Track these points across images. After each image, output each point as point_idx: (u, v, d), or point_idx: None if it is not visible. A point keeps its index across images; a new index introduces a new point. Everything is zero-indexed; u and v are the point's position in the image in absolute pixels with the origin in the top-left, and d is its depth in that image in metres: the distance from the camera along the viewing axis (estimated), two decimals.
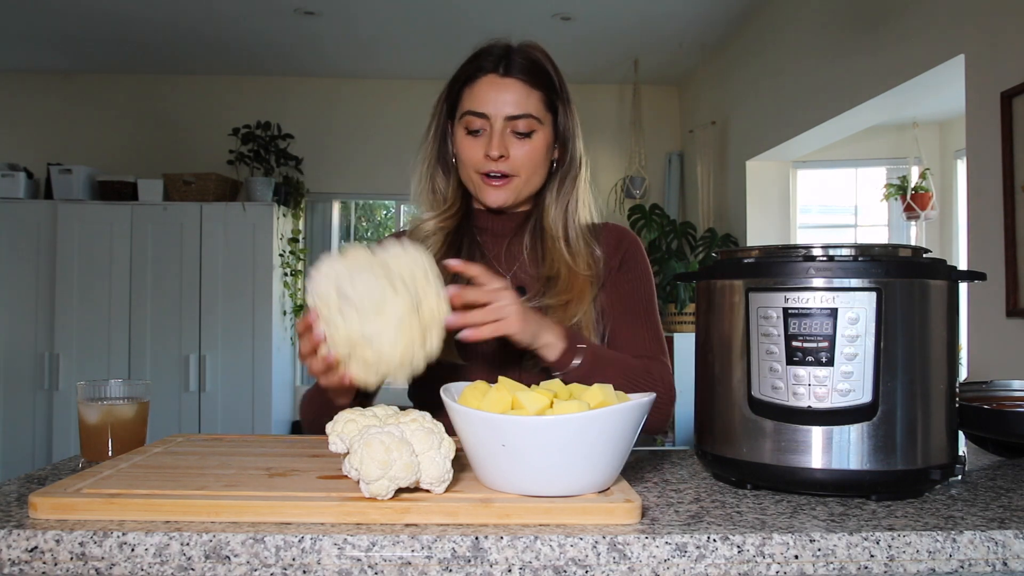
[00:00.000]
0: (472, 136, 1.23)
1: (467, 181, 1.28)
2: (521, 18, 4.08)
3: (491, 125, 1.22)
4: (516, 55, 1.24)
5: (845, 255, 0.83)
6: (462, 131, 1.25)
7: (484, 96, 1.22)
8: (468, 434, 0.79)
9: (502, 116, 1.21)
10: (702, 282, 0.95)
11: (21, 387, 4.47)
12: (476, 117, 1.22)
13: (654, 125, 5.09)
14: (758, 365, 0.85)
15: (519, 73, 1.23)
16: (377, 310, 0.87)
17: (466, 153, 1.24)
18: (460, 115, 1.24)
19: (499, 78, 1.23)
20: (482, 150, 1.22)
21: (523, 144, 1.23)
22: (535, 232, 1.29)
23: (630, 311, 1.27)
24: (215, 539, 0.67)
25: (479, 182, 1.24)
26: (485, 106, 1.22)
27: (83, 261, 4.44)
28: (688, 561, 0.68)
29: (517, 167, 1.23)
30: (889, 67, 2.95)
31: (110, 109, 5.06)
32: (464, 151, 1.24)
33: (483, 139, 1.22)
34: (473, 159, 1.23)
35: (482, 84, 1.23)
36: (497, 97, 1.22)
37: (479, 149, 1.22)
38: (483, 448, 0.77)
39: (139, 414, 1.04)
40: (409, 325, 0.88)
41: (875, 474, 0.82)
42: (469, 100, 1.24)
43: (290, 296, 4.78)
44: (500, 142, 1.21)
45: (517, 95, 1.22)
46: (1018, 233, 2.31)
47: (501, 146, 1.21)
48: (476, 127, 1.23)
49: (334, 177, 5.10)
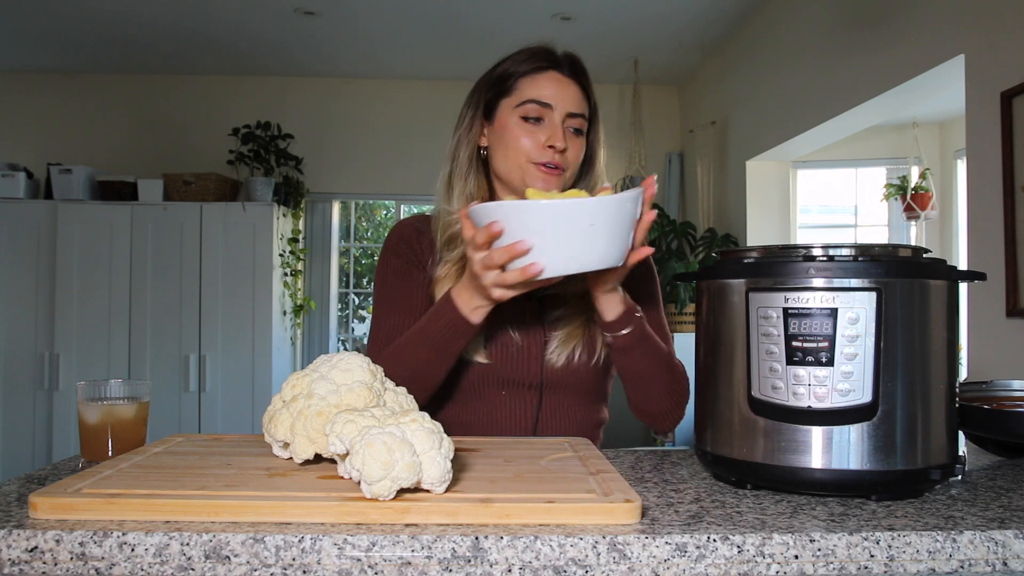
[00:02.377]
0: (529, 124, 1.24)
1: (512, 169, 1.26)
2: (521, 18, 4.08)
3: (551, 117, 1.24)
4: (573, 61, 1.28)
5: (845, 255, 0.83)
6: (516, 119, 1.24)
7: (549, 88, 1.24)
8: (553, 223, 0.90)
9: (564, 111, 1.24)
10: (702, 282, 0.95)
11: (21, 387, 4.47)
12: (540, 106, 1.23)
13: (654, 125, 5.09)
14: (758, 365, 0.85)
15: (580, 77, 1.28)
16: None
17: (522, 140, 1.24)
18: (519, 103, 1.24)
19: (563, 76, 1.26)
20: (541, 139, 1.23)
21: (576, 141, 1.26)
22: None
23: (644, 306, 1.29)
24: (215, 539, 0.67)
25: (531, 171, 1.24)
26: (550, 97, 1.24)
27: (83, 261, 4.44)
28: (688, 561, 0.68)
29: (569, 162, 1.26)
30: (889, 67, 2.95)
31: (110, 109, 5.06)
32: (519, 138, 1.24)
33: (543, 129, 1.24)
34: (529, 147, 1.23)
35: (547, 78, 1.25)
36: (562, 92, 1.25)
37: (538, 137, 1.23)
38: (566, 234, 0.90)
39: (139, 414, 1.04)
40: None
41: (875, 474, 0.82)
42: (531, 89, 1.24)
43: (290, 296, 4.78)
44: (562, 134, 1.23)
45: (577, 95, 1.26)
46: (1018, 233, 2.31)
47: (564, 138, 1.23)
48: (536, 115, 1.23)
49: (334, 177, 5.11)
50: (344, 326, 5.55)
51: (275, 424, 0.88)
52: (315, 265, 5.15)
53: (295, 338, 4.94)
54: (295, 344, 4.95)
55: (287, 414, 0.88)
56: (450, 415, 1.27)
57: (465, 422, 1.26)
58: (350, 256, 5.63)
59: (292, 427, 0.87)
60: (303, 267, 4.99)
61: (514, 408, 1.26)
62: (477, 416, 1.26)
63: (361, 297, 6.12)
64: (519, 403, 1.26)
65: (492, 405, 1.25)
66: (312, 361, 0.94)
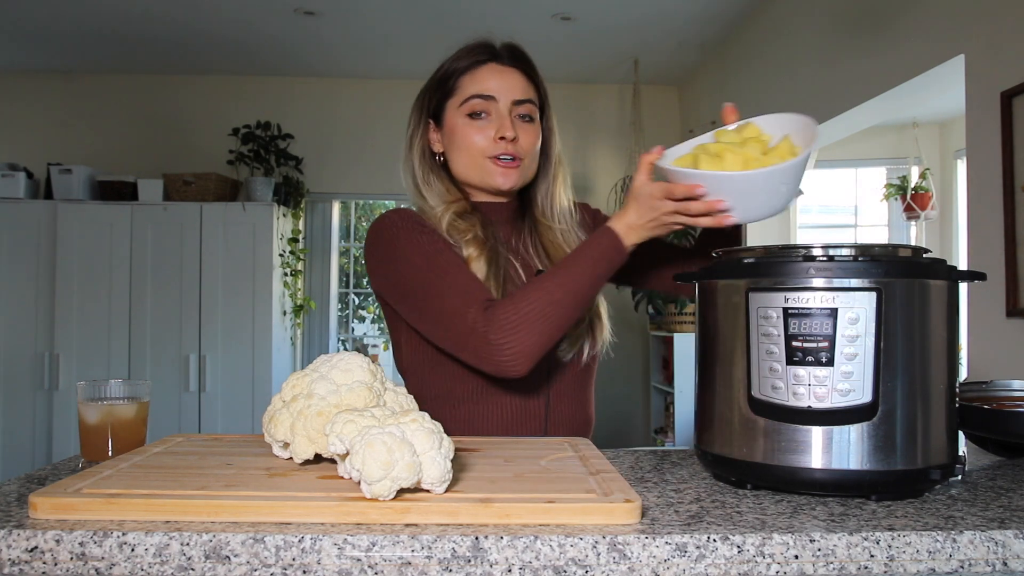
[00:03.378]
0: (476, 120, 1.23)
1: (469, 169, 1.26)
2: (521, 18, 4.08)
3: (497, 109, 1.23)
4: (512, 49, 1.28)
5: (845, 255, 0.83)
6: (462, 118, 1.24)
7: (490, 80, 1.24)
8: (751, 189, 0.96)
9: (509, 100, 1.24)
10: (702, 282, 0.95)
11: (21, 387, 4.47)
12: (483, 99, 1.23)
13: (654, 125, 5.09)
14: (758, 365, 0.86)
15: (519, 63, 1.27)
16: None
17: (472, 138, 1.23)
18: (462, 101, 1.24)
19: (502, 66, 1.26)
20: (490, 133, 1.23)
21: (527, 128, 1.25)
22: (529, 223, 1.33)
23: None
24: (215, 539, 0.67)
25: (488, 167, 1.24)
26: (492, 89, 1.23)
27: (83, 261, 4.44)
28: (688, 561, 0.68)
29: (523, 150, 1.25)
30: (889, 67, 2.95)
31: (110, 109, 5.06)
32: (469, 136, 1.24)
33: (490, 122, 1.23)
34: (481, 143, 1.23)
35: (486, 70, 1.25)
36: (504, 82, 1.24)
37: (487, 132, 1.23)
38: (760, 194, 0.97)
39: (139, 414, 1.04)
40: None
41: (875, 474, 0.82)
42: (472, 85, 1.24)
43: (290, 296, 4.78)
44: (511, 124, 1.23)
45: (520, 82, 1.26)
46: (1018, 233, 2.31)
47: (513, 128, 1.23)
48: (481, 110, 1.23)
49: (334, 177, 5.10)
50: (344, 326, 5.55)
51: (275, 424, 0.88)
52: (315, 265, 5.15)
53: (295, 338, 4.94)
54: (295, 344, 4.95)
55: (287, 414, 0.88)
56: (462, 415, 1.25)
57: (477, 423, 1.24)
58: (350, 256, 5.63)
59: (292, 427, 0.87)
60: (303, 267, 4.99)
61: (526, 408, 1.25)
62: (489, 417, 1.25)
63: (361, 297, 6.12)
64: (529, 403, 1.26)
65: (502, 406, 1.25)
66: (312, 361, 0.94)
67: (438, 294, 1.12)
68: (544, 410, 1.27)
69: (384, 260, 1.20)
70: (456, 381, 1.22)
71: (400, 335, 1.28)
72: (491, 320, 1.06)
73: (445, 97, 1.27)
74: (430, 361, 1.24)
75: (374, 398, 0.89)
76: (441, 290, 1.12)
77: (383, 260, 1.20)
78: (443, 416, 1.22)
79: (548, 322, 1.06)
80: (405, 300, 1.18)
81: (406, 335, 1.27)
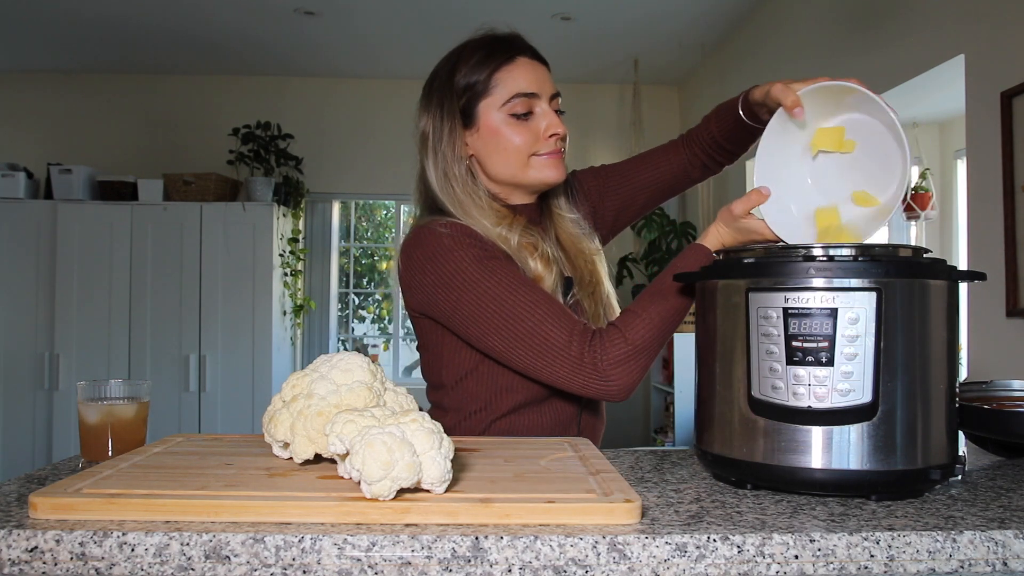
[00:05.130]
0: (521, 120, 1.19)
1: (514, 170, 1.21)
2: (521, 18, 4.08)
3: (541, 105, 1.21)
4: (525, 40, 1.26)
5: (845, 255, 0.83)
6: (504, 117, 1.19)
7: (528, 76, 1.20)
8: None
9: (549, 94, 1.22)
10: (702, 282, 0.95)
11: (21, 387, 4.47)
12: (527, 98, 1.19)
13: (654, 125, 5.09)
14: (758, 365, 0.85)
15: (541, 57, 1.25)
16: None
17: (518, 138, 1.19)
18: (504, 101, 1.19)
19: (532, 60, 1.22)
20: (539, 130, 1.20)
21: (563, 122, 1.24)
22: (546, 218, 1.32)
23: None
24: (215, 539, 0.67)
25: (535, 163, 1.21)
26: (533, 86, 1.20)
27: (83, 261, 4.44)
28: (688, 561, 0.68)
29: (565, 144, 1.25)
30: (889, 67, 2.95)
31: (110, 109, 5.06)
32: (514, 137, 1.19)
33: (535, 120, 1.20)
34: (527, 142, 1.20)
35: (520, 67, 1.20)
36: (538, 76, 1.21)
37: (532, 130, 1.20)
38: None
39: (139, 414, 1.04)
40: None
41: (875, 474, 0.82)
42: (511, 83, 1.19)
43: (290, 296, 4.78)
44: (558, 119, 1.22)
45: (548, 74, 1.24)
46: (1018, 233, 2.31)
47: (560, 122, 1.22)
48: (527, 109, 1.19)
49: (334, 177, 5.11)
50: (344, 326, 5.55)
51: (275, 424, 0.88)
52: (315, 265, 5.15)
53: (295, 338, 4.94)
54: (295, 344, 4.95)
55: (287, 414, 0.88)
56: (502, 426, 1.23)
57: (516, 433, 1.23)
58: (350, 256, 5.62)
59: (292, 427, 0.87)
60: (303, 267, 4.99)
61: (562, 418, 1.26)
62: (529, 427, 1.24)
63: (361, 297, 6.11)
64: (566, 413, 1.26)
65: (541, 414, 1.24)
66: (312, 361, 0.94)
67: (534, 326, 1.09)
68: (577, 419, 1.28)
69: (444, 284, 1.13)
70: (501, 395, 1.21)
71: (443, 350, 1.23)
72: (602, 354, 1.08)
73: (478, 96, 1.20)
74: (475, 376, 1.21)
75: (374, 398, 0.89)
76: (536, 321, 1.09)
77: (441, 284, 1.14)
78: (483, 429, 1.22)
79: (653, 353, 1.10)
80: (477, 326, 1.12)
81: (450, 351, 1.21)
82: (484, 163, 1.23)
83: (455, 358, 1.22)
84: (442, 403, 1.26)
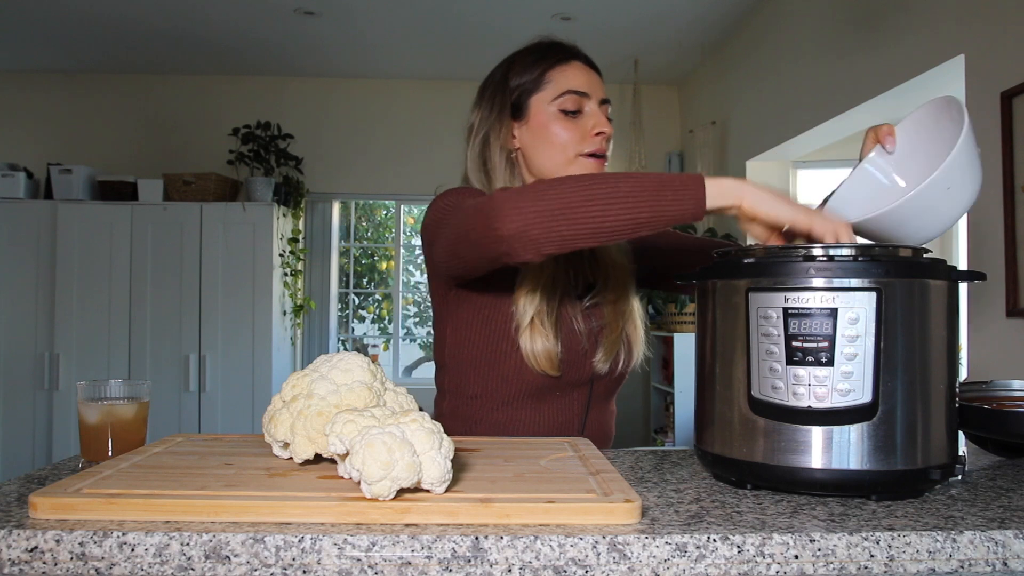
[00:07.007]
0: (570, 117, 1.22)
1: (558, 165, 1.22)
2: (521, 18, 4.08)
3: (591, 105, 1.23)
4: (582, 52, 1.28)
5: (845, 255, 0.83)
6: (554, 112, 1.22)
7: (581, 77, 1.23)
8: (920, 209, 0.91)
9: (599, 97, 1.24)
10: (702, 282, 0.95)
11: (21, 387, 4.47)
12: (578, 96, 1.22)
13: (654, 125, 5.09)
14: (758, 365, 0.85)
15: (595, 66, 1.28)
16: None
17: (566, 134, 1.21)
18: (555, 96, 1.22)
19: (586, 64, 1.26)
20: (586, 128, 1.22)
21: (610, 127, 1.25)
22: None
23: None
24: (215, 539, 0.67)
25: (580, 162, 1.22)
26: (585, 86, 1.22)
27: (83, 261, 4.44)
28: (688, 561, 0.68)
29: (608, 148, 1.25)
30: (889, 67, 2.95)
31: (110, 109, 5.06)
32: (562, 132, 1.21)
33: (584, 118, 1.22)
34: (575, 139, 1.21)
35: (575, 68, 1.24)
36: (591, 80, 1.24)
37: (580, 128, 1.22)
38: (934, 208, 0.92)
39: (139, 414, 1.04)
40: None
41: (875, 474, 0.82)
42: (564, 80, 1.22)
43: (290, 296, 4.78)
44: (605, 120, 1.23)
45: (601, 83, 1.26)
46: (1018, 233, 2.31)
47: (608, 123, 1.23)
48: (577, 107, 1.22)
49: (334, 177, 5.10)
50: (344, 326, 5.55)
51: (275, 424, 0.88)
52: (315, 265, 5.15)
53: (295, 338, 4.94)
54: (295, 344, 4.94)
55: (287, 414, 0.88)
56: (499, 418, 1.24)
57: (514, 428, 1.23)
58: (350, 256, 5.63)
59: (292, 427, 0.87)
60: (303, 267, 4.99)
61: (563, 417, 1.25)
62: (527, 424, 1.24)
63: (361, 297, 6.12)
64: (568, 412, 1.26)
65: (540, 413, 1.24)
66: (312, 361, 0.94)
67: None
68: (582, 420, 1.27)
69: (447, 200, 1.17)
70: (497, 383, 1.21)
71: (446, 327, 1.25)
72: (493, 195, 0.96)
73: (531, 91, 1.23)
74: (473, 360, 1.22)
75: (374, 398, 0.89)
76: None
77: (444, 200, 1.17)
78: (480, 417, 1.22)
79: (559, 209, 0.90)
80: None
81: (452, 328, 1.24)
82: (529, 157, 1.25)
83: (455, 335, 1.24)
84: (443, 384, 1.28)
